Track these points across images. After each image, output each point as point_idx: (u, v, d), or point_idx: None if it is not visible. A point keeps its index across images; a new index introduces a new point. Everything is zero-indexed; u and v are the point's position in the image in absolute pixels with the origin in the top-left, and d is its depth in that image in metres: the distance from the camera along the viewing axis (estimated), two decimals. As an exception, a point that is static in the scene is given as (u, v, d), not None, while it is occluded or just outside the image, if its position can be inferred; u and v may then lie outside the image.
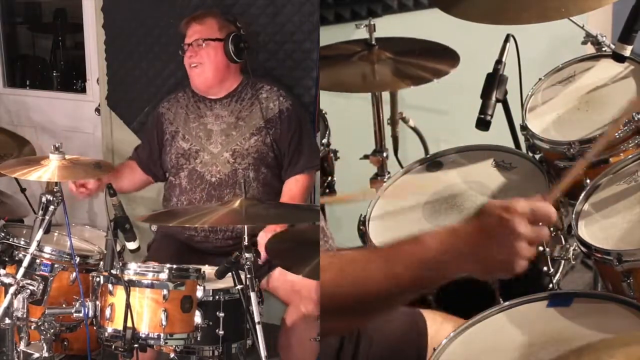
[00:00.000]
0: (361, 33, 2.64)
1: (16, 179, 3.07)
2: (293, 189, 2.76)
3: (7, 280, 2.21)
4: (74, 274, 2.44)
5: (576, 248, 2.06)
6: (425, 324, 1.89)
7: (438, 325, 1.90)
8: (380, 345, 1.84)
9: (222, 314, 2.16)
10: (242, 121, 2.75)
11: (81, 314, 2.14)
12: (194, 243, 2.75)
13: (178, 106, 2.86)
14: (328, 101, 2.80)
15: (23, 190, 3.22)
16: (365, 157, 2.81)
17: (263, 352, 2.01)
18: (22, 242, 2.45)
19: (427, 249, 1.25)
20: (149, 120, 3.02)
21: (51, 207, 2.26)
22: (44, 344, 2.25)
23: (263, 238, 2.46)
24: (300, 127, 2.79)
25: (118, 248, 2.21)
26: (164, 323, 2.08)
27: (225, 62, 2.75)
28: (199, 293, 2.14)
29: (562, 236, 2.21)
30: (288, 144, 2.75)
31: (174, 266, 2.14)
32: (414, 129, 2.90)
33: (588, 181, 2.13)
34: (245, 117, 2.75)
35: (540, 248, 2.07)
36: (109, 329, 2.10)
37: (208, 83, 2.77)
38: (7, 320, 2.19)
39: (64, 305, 2.29)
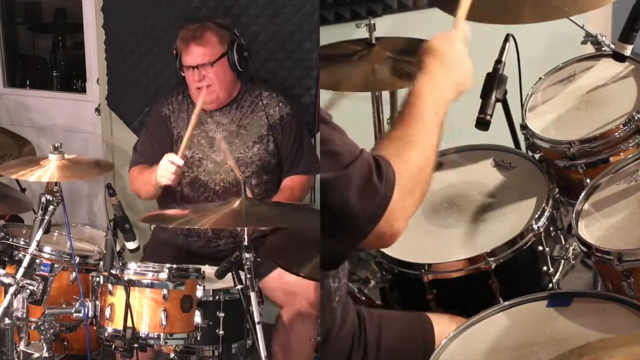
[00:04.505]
0: (361, 33, 2.64)
1: (16, 179, 3.07)
2: (293, 184, 2.74)
3: (7, 280, 2.21)
4: (74, 274, 2.44)
5: (576, 248, 2.06)
6: (432, 327, 1.90)
7: (445, 326, 1.91)
8: (388, 349, 1.85)
9: (222, 314, 2.17)
10: (244, 129, 2.72)
11: (81, 314, 2.14)
12: (196, 248, 2.71)
13: (179, 110, 2.79)
14: (328, 101, 2.79)
15: (23, 190, 3.22)
16: (365, 156, 2.80)
17: (263, 352, 2.00)
18: (22, 242, 2.45)
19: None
20: (150, 121, 2.90)
21: (51, 207, 2.26)
22: (44, 344, 2.24)
23: None
24: (301, 131, 2.78)
25: (118, 248, 2.21)
26: (163, 323, 2.08)
27: (232, 75, 2.71)
28: (199, 293, 2.14)
29: (562, 236, 2.21)
30: (289, 149, 2.74)
31: (174, 266, 2.14)
32: (414, 129, 2.89)
33: (588, 181, 2.13)
34: (247, 125, 2.72)
35: (540, 248, 2.08)
36: (109, 329, 2.10)
37: (220, 100, 2.71)
38: (7, 320, 2.19)
39: (63, 305, 2.28)
